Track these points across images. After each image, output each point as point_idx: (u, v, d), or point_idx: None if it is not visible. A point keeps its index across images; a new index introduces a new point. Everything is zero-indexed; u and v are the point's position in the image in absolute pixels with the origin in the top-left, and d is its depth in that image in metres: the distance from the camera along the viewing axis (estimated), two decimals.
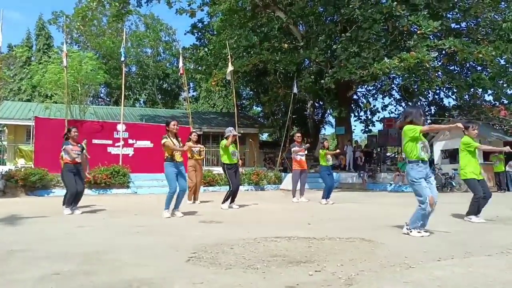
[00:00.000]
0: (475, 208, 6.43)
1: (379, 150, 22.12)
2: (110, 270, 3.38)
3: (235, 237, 4.89)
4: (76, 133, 7.79)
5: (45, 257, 3.81)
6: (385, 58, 13.87)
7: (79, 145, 7.84)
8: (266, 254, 3.95)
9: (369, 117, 25.55)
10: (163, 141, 6.91)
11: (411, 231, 5.00)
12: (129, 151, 15.60)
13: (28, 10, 65.36)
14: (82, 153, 7.93)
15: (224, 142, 8.65)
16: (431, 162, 16.93)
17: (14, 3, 62.17)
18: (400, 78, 20.24)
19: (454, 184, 14.22)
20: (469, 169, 6.55)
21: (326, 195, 9.99)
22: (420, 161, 5.03)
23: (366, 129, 25.62)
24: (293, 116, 23.76)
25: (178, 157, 7.00)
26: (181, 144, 7.16)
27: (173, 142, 6.93)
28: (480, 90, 18.98)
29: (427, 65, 14.15)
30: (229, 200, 8.67)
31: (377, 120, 25.35)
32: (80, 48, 36.47)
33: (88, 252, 4.05)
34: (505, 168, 15.19)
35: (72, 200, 7.63)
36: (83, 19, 19.00)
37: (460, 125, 5.15)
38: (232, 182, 8.60)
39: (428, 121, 23.39)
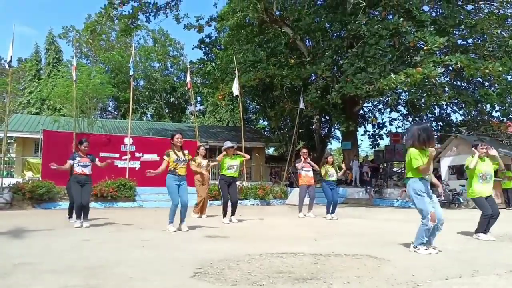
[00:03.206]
0: (484, 226, 6.37)
1: (385, 165, 22.03)
2: (116, 284, 3.37)
3: (241, 252, 4.87)
4: (86, 148, 7.80)
5: (51, 271, 3.81)
6: (391, 73, 13.91)
7: (88, 156, 7.84)
8: (272, 270, 3.92)
9: (377, 131, 25.55)
10: (164, 157, 6.99)
11: (417, 248, 4.95)
12: (136, 165, 15.66)
13: (38, 24, 66.67)
14: (92, 164, 7.87)
15: (218, 157, 8.75)
16: (438, 177, 16.83)
17: (24, 18, 63.46)
18: (407, 94, 20.25)
19: (461, 201, 14.07)
20: (475, 188, 6.51)
21: (331, 210, 9.94)
22: (422, 178, 5.04)
23: (374, 144, 25.62)
24: (300, 131, 23.79)
25: (181, 170, 7.00)
26: (186, 158, 7.16)
27: (177, 155, 6.96)
28: (488, 106, 18.94)
29: (434, 81, 14.16)
30: (228, 213, 8.62)
31: (384, 133, 25.37)
32: (89, 62, 37.01)
33: (93, 266, 4.05)
34: None
35: (80, 212, 7.58)
36: (92, 33, 19.28)
37: (433, 150, 4.98)
38: (223, 195, 8.54)
39: (435, 137, 23.32)
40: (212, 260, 4.37)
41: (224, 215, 8.64)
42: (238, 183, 9.66)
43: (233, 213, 8.70)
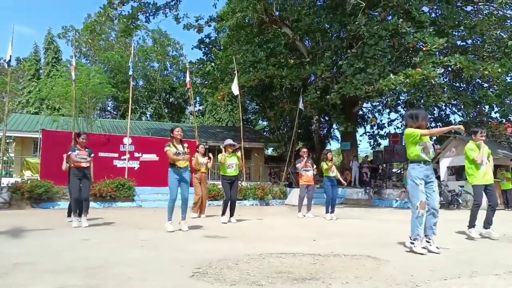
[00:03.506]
0: (475, 218, 6.41)
1: (384, 166, 22.03)
2: (115, 284, 3.37)
3: (240, 252, 4.87)
4: (83, 140, 7.77)
5: (50, 271, 3.81)
6: (391, 74, 13.91)
7: (86, 149, 7.81)
8: (271, 271, 3.92)
9: (376, 132, 25.62)
10: (165, 149, 6.93)
11: (414, 246, 4.96)
12: (135, 164, 15.65)
13: (36, 24, 66.62)
14: (90, 158, 7.84)
15: (219, 156, 8.75)
16: (437, 178, 16.83)
17: (23, 18, 63.41)
18: (406, 94, 20.27)
19: (460, 201, 14.08)
20: (476, 174, 6.55)
21: (330, 210, 9.96)
22: (421, 162, 5.04)
23: (375, 144, 25.71)
24: (299, 131, 23.80)
25: (181, 163, 6.97)
26: (186, 151, 7.12)
27: (176, 148, 6.94)
28: (487, 107, 18.95)
29: (433, 82, 14.17)
30: (227, 213, 8.68)
31: (383, 135, 25.44)
32: (88, 62, 36.97)
33: (93, 265, 4.05)
34: None
35: (76, 207, 7.50)
36: (92, 33, 19.26)
37: (461, 127, 5.09)
38: (225, 193, 8.64)
39: (434, 138, 23.35)
40: (211, 260, 4.37)
41: (223, 214, 8.71)
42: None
43: (232, 214, 8.75)
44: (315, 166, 11.04)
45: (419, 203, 4.92)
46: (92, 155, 7.91)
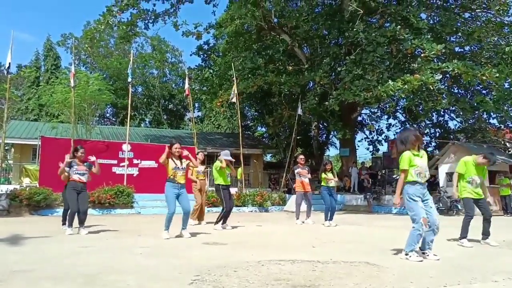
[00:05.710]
0: (467, 230, 6.40)
1: (384, 172, 22.03)
2: None
3: (239, 259, 4.85)
4: (82, 154, 7.76)
5: (48, 278, 3.79)
6: (389, 80, 13.96)
7: (85, 164, 7.80)
8: (270, 278, 3.91)
9: (375, 137, 25.75)
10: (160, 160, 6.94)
11: (408, 256, 4.94)
12: (134, 171, 15.63)
13: (37, 31, 66.86)
14: (89, 171, 7.81)
15: (218, 164, 8.80)
16: (436, 184, 16.83)
17: (24, 25, 63.63)
18: (405, 100, 20.33)
19: (459, 208, 14.05)
20: (465, 188, 6.57)
21: (329, 217, 9.94)
22: (416, 182, 5.05)
23: (374, 150, 25.77)
24: (298, 137, 23.82)
25: (180, 178, 6.96)
26: (185, 165, 7.12)
27: (175, 163, 6.92)
28: (485, 113, 19.01)
29: (431, 87, 14.23)
30: (222, 220, 8.75)
31: (383, 139, 25.56)
32: (87, 69, 37.08)
33: (91, 273, 4.03)
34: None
35: (73, 219, 7.49)
36: (91, 41, 19.31)
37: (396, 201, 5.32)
38: (226, 203, 8.73)
39: (433, 144, 23.42)
40: (210, 267, 4.36)
41: (219, 222, 8.75)
42: (236, 189, 9.82)
43: (225, 221, 8.81)
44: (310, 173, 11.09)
45: (422, 219, 4.90)
46: (92, 166, 7.85)
